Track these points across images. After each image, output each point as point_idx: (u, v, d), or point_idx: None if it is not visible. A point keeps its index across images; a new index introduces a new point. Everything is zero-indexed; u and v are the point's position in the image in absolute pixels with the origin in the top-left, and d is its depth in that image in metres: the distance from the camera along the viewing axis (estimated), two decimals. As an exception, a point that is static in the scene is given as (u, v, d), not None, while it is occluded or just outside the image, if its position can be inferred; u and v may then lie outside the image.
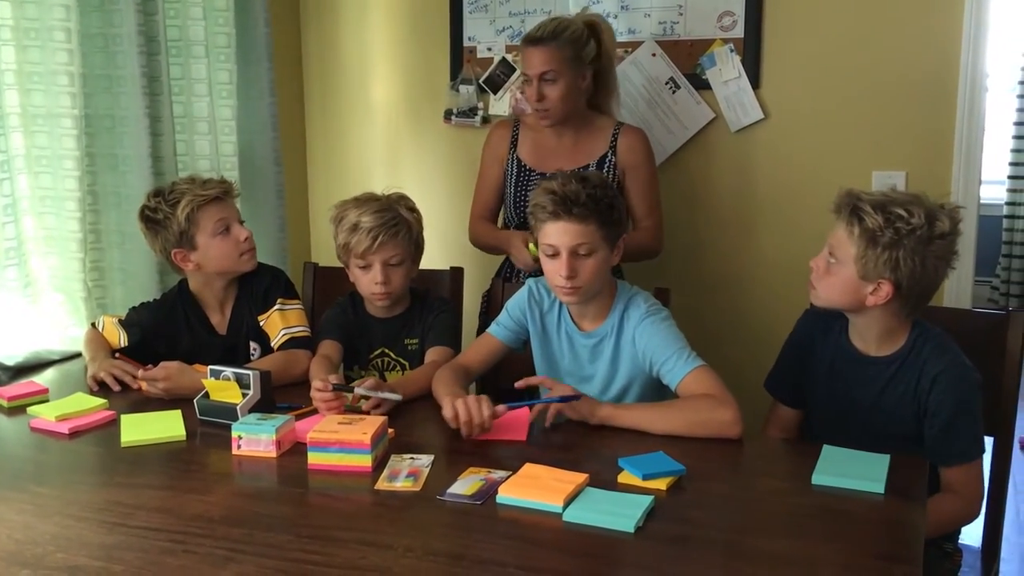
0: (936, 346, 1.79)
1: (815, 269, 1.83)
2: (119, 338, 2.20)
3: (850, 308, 1.81)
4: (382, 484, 1.54)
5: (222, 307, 2.26)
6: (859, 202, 1.74)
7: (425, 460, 1.63)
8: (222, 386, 1.86)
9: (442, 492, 1.50)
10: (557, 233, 1.87)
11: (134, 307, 2.29)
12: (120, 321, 2.23)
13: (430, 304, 2.23)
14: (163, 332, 2.22)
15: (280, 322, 2.19)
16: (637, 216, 2.48)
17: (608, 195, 1.90)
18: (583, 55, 2.40)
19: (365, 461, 1.58)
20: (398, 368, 2.21)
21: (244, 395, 1.84)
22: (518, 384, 1.83)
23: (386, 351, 2.22)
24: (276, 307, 2.21)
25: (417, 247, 2.18)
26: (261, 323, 2.22)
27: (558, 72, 2.37)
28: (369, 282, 2.13)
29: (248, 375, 1.86)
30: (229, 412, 1.81)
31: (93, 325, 2.25)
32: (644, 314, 1.93)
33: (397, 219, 2.11)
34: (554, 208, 1.86)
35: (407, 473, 1.57)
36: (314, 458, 1.61)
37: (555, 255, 1.88)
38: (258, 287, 2.24)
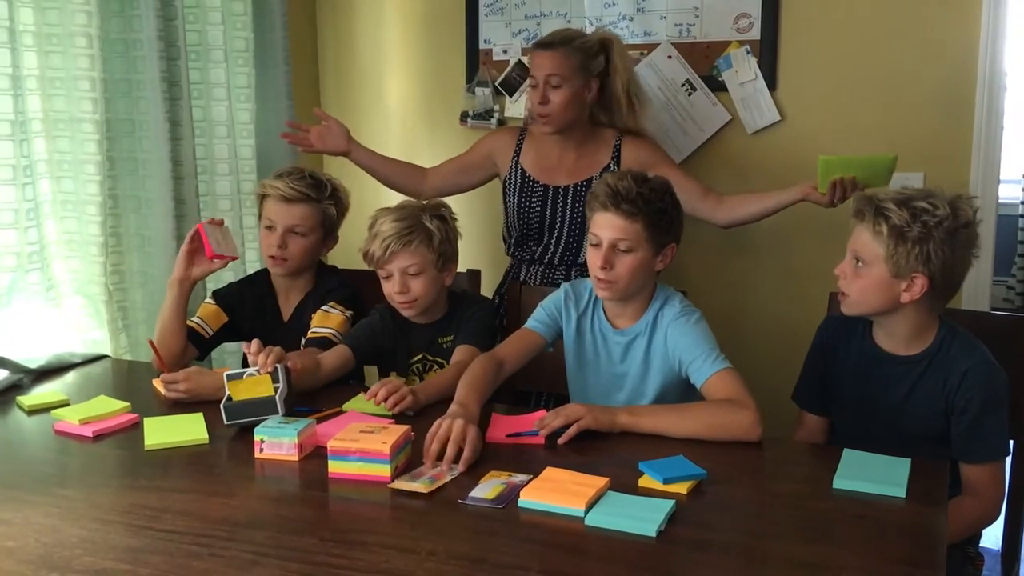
0: (964, 343, 1.81)
1: (843, 275, 1.83)
2: (222, 315, 2.34)
3: (884, 309, 1.81)
4: (398, 483, 1.54)
5: (290, 297, 2.36)
6: (880, 202, 1.76)
7: (453, 469, 1.61)
8: (250, 384, 1.84)
9: (464, 496, 1.50)
10: (602, 224, 1.90)
11: (224, 286, 2.45)
12: (216, 300, 2.35)
13: (467, 302, 2.24)
14: (243, 306, 2.36)
15: (316, 322, 2.24)
16: (700, 191, 2.48)
17: (663, 200, 1.92)
18: (591, 66, 2.42)
19: (384, 471, 1.56)
20: (435, 369, 2.21)
21: (275, 388, 1.84)
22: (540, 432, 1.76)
23: (427, 356, 2.22)
24: (323, 308, 2.26)
25: (442, 256, 2.13)
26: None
27: (564, 78, 2.39)
28: (390, 291, 2.13)
29: (276, 369, 1.85)
30: (267, 405, 1.80)
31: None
32: (678, 313, 1.94)
33: (413, 228, 2.08)
34: (605, 199, 1.88)
35: (429, 476, 1.57)
36: (334, 466, 1.60)
37: (598, 245, 1.91)
38: (324, 287, 2.33)
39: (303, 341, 2.23)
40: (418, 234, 2.09)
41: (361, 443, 1.58)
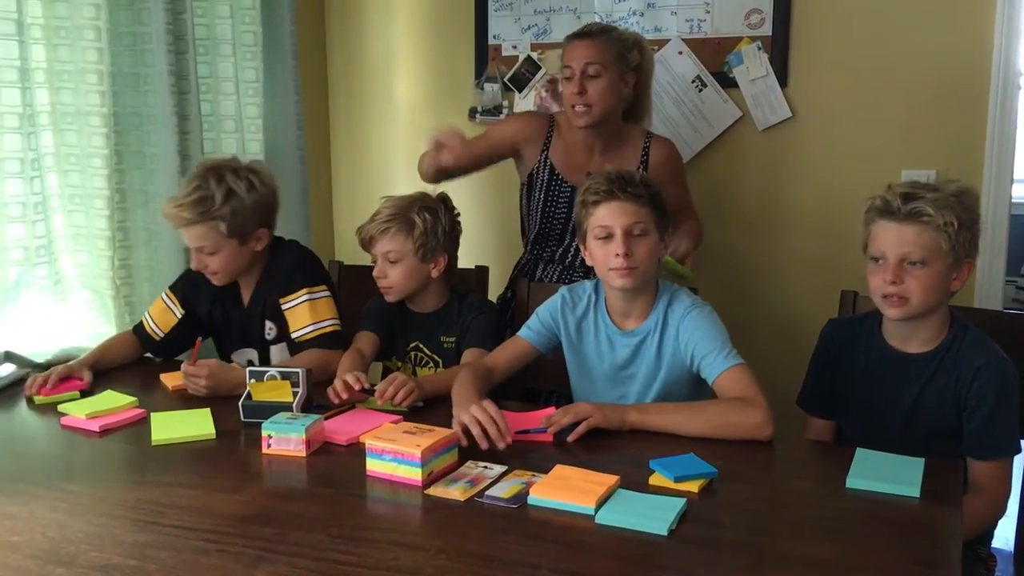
0: (976, 340, 1.79)
1: (897, 281, 1.74)
2: (174, 314, 2.26)
3: (938, 306, 1.79)
4: (434, 489, 1.51)
5: (248, 281, 2.27)
6: (922, 194, 1.73)
7: (496, 471, 1.58)
8: (271, 386, 1.84)
9: (481, 494, 1.49)
10: (611, 214, 1.87)
11: (180, 276, 2.34)
12: (169, 296, 2.28)
13: (470, 303, 2.22)
14: (199, 294, 2.28)
15: (309, 315, 2.15)
16: (683, 208, 2.47)
17: (656, 186, 1.94)
18: (628, 58, 2.38)
19: (415, 474, 1.53)
20: (431, 364, 2.21)
21: (294, 394, 1.84)
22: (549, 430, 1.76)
23: (420, 345, 2.22)
24: (305, 296, 2.16)
25: (423, 247, 2.13)
26: (284, 306, 2.19)
27: (602, 67, 2.34)
28: (375, 274, 2.19)
29: (296, 373, 1.86)
30: (284, 411, 1.78)
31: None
32: (688, 308, 1.92)
33: (395, 217, 2.13)
34: (609, 187, 1.86)
35: (468, 480, 1.54)
36: (371, 464, 1.57)
37: (608, 237, 1.87)
38: (281, 267, 2.23)
39: (304, 340, 2.16)
40: (397, 223, 2.13)
41: (397, 443, 1.55)
